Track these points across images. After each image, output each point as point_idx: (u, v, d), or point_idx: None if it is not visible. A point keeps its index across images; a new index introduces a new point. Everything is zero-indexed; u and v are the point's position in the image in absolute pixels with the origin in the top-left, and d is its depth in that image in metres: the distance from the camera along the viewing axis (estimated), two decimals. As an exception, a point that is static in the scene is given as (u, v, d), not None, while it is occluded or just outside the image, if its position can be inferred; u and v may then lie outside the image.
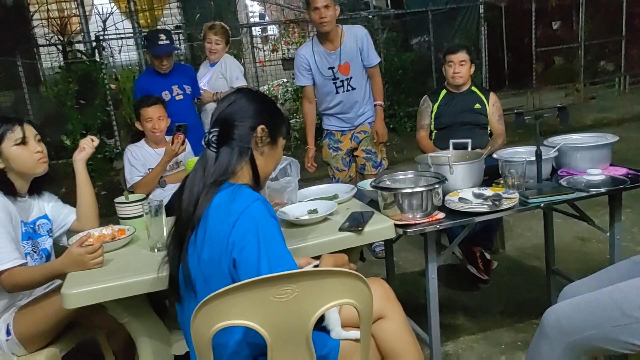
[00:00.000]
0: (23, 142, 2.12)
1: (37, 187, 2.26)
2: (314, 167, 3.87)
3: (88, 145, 2.37)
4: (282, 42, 8.35)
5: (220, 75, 4.17)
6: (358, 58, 3.65)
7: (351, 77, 3.66)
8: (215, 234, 1.51)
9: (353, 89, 3.68)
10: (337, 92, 3.69)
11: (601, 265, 2.06)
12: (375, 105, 3.78)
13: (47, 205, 2.31)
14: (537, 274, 3.27)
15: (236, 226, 1.48)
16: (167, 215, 2.13)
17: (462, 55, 3.45)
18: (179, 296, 1.63)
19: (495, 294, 3.16)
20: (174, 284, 1.63)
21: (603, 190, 2.27)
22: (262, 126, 1.64)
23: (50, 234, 2.29)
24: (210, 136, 1.62)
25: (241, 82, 4.17)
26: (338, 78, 3.66)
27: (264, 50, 8.69)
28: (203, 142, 1.65)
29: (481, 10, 8.48)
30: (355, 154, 3.84)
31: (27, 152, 2.13)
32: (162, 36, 3.79)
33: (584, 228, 3.36)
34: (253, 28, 8.54)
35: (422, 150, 3.53)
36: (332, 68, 3.64)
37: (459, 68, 3.45)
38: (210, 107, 4.09)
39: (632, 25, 9.62)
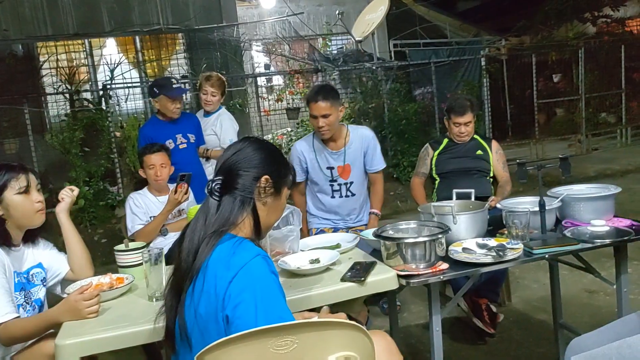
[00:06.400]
0: (26, 191, 2.10)
1: (32, 235, 2.23)
2: None
3: (67, 195, 2.31)
4: (287, 92, 8.49)
5: (212, 132, 4.11)
6: (361, 161, 3.31)
7: (352, 182, 3.30)
8: (212, 288, 1.46)
9: (353, 194, 3.32)
10: (333, 197, 3.32)
11: (610, 318, 2.01)
12: (370, 214, 3.41)
13: (42, 254, 2.26)
14: (544, 328, 3.19)
15: (234, 282, 1.43)
16: (168, 263, 2.10)
17: (468, 117, 3.43)
18: (174, 348, 1.58)
19: (502, 349, 3.07)
20: (169, 335, 1.58)
21: (607, 241, 2.24)
22: (266, 176, 1.61)
23: (44, 283, 2.24)
24: (214, 184, 1.59)
25: None
26: (336, 181, 3.30)
27: (269, 100, 8.81)
28: (206, 190, 1.61)
29: (483, 63, 8.64)
30: None
31: (28, 202, 2.11)
32: (174, 80, 3.83)
33: (591, 280, 3.31)
34: (258, 78, 8.68)
35: (413, 196, 3.60)
36: (331, 169, 3.29)
37: (465, 129, 3.45)
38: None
39: (631, 79, 9.84)
